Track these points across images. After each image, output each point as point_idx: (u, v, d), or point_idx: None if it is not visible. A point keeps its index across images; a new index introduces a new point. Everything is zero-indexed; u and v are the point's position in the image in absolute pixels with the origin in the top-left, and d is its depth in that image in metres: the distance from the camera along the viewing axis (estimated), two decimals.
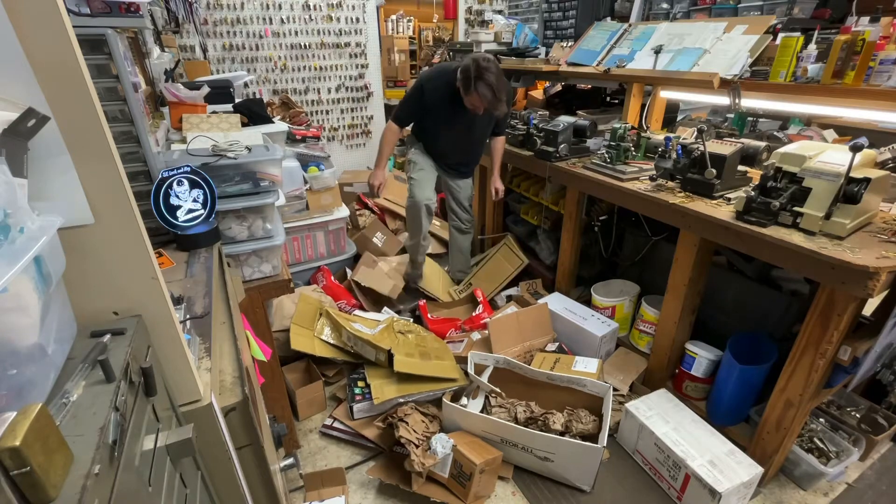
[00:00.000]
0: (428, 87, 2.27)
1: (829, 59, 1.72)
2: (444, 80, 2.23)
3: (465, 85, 2.11)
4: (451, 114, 2.29)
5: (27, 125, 0.49)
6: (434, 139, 2.49)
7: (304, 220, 2.65)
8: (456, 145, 2.49)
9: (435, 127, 2.41)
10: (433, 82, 2.28)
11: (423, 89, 2.28)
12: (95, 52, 1.08)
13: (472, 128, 2.40)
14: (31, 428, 0.36)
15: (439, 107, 2.28)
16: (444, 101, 2.26)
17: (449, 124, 2.36)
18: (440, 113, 2.31)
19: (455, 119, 2.32)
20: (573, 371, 2.04)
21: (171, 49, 2.92)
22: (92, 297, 0.62)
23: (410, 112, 2.38)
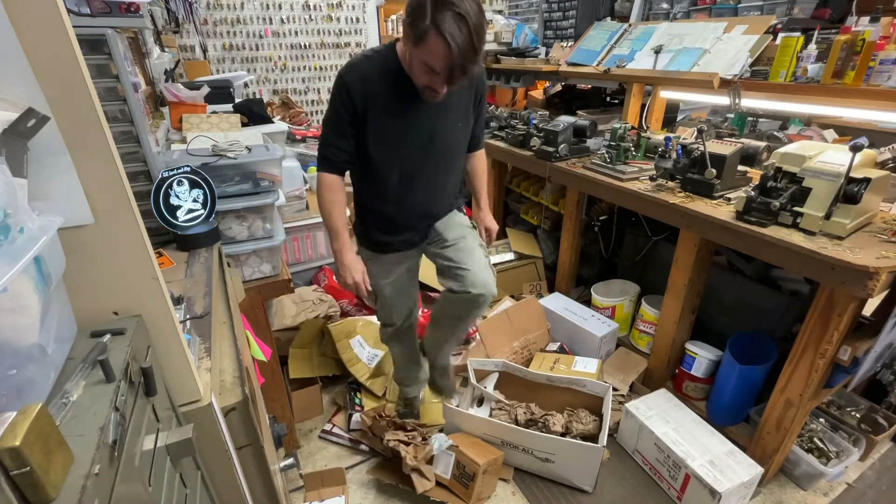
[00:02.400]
0: (352, 77, 1.29)
1: (829, 59, 1.72)
2: (378, 62, 1.32)
3: (416, 23, 1.13)
4: (402, 112, 1.35)
5: (27, 125, 0.49)
6: (385, 180, 1.43)
7: (304, 220, 2.64)
8: (421, 171, 1.45)
9: (383, 153, 1.39)
10: (358, 69, 1.31)
11: (348, 86, 1.29)
12: (95, 52, 1.08)
13: (438, 131, 1.41)
14: (31, 428, 0.36)
15: (380, 107, 1.32)
16: (386, 93, 1.32)
17: (402, 134, 1.37)
18: (384, 118, 1.33)
19: (410, 120, 1.37)
20: (573, 371, 2.04)
21: (171, 49, 2.92)
22: (92, 297, 0.62)
23: (339, 134, 1.36)
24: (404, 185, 1.45)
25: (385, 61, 1.31)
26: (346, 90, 1.29)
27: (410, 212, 1.53)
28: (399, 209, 1.50)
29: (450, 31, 1.10)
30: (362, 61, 1.32)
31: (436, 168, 1.48)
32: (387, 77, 1.31)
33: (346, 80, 1.30)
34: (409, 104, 1.34)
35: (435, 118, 1.40)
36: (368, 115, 1.32)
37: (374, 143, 1.37)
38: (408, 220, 1.54)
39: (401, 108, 1.35)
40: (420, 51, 1.17)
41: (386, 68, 1.31)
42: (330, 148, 1.38)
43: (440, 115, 1.41)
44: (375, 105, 1.31)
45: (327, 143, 1.38)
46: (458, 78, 1.20)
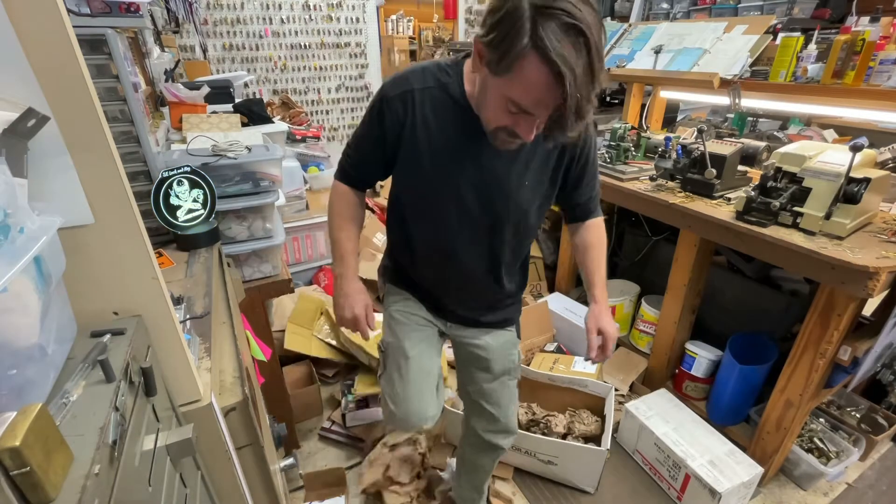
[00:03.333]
0: (394, 93, 0.99)
1: (829, 59, 1.72)
2: (437, 80, 0.99)
3: (505, 40, 0.75)
4: (453, 154, 1.00)
5: (27, 125, 0.49)
6: (424, 235, 1.12)
7: (304, 220, 2.64)
8: (465, 244, 1.09)
9: (416, 203, 1.09)
10: (406, 84, 0.99)
11: (385, 103, 1.00)
12: (95, 52, 1.08)
13: (502, 188, 1.02)
14: (31, 428, 0.36)
15: (424, 141, 0.99)
16: (438, 125, 0.99)
17: (446, 185, 1.02)
18: (425, 157, 1.00)
19: (462, 167, 1.01)
20: (572, 371, 2.04)
21: (171, 49, 2.92)
22: (92, 297, 0.62)
23: (361, 155, 1.11)
24: (434, 253, 1.11)
25: (447, 79, 0.97)
26: (378, 108, 0.99)
27: (436, 283, 1.18)
28: (421, 280, 1.20)
29: (561, 53, 0.72)
30: (416, 74, 0.98)
31: (489, 244, 1.08)
32: (443, 103, 0.96)
33: (388, 96, 0.97)
34: (461, 144, 0.97)
35: (496, 168, 0.99)
36: (403, 144, 0.99)
37: (403, 185, 1.08)
38: (429, 290, 1.21)
39: (449, 149, 0.98)
40: (506, 81, 0.79)
41: (445, 90, 0.97)
42: (348, 160, 1.13)
43: (504, 164, 0.99)
44: (416, 133, 0.97)
45: (347, 154, 1.13)
46: (571, 125, 0.79)
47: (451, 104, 0.97)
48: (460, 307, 1.21)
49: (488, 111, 0.88)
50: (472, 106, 0.95)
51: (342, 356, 2.22)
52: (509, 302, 1.24)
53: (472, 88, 0.95)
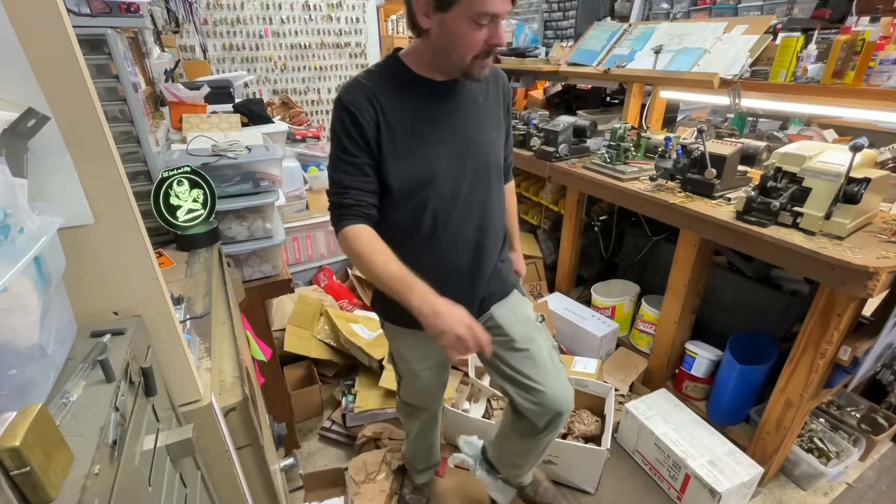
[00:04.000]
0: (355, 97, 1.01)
1: (829, 59, 1.72)
2: (381, 74, 1.05)
3: None
4: (425, 125, 1.06)
5: (27, 125, 0.49)
6: (416, 225, 1.10)
7: (304, 220, 2.64)
8: (459, 205, 1.11)
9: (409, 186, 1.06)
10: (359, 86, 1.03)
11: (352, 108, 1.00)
12: (95, 52, 1.08)
13: (475, 142, 1.11)
14: (31, 428, 0.36)
15: (397, 125, 1.03)
16: (401, 106, 1.03)
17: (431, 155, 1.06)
18: (404, 139, 1.03)
19: (438, 133, 1.07)
20: (572, 371, 2.04)
21: (171, 49, 2.92)
22: (92, 297, 0.62)
23: (357, 171, 1.03)
24: (441, 227, 1.10)
25: (389, 71, 1.05)
26: (350, 115, 0.99)
27: (454, 268, 1.15)
28: (437, 264, 1.11)
29: None
30: (362, 77, 1.04)
31: (477, 198, 1.13)
32: (397, 86, 1.03)
33: (348, 100, 0.99)
34: (432, 113, 1.05)
35: (469, 128, 1.09)
36: (384, 140, 1.01)
37: (396, 175, 1.03)
38: (450, 280, 1.12)
39: (423, 121, 1.04)
40: (462, 4, 0.89)
41: (393, 77, 1.04)
42: (348, 193, 1.02)
43: (474, 122, 1.10)
44: (390, 125, 1.01)
45: (343, 187, 1.02)
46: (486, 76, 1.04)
47: (405, 83, 1.04)
48: (469, 287, 1.18)
49: (459, 47, 0.96)
50: (425, 76, 1.05)
51: (342, 357, 2.22)
52: (503, 259, 1.27)
53: (416, 63, 1.05)
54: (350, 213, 1.02)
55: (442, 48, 0.98)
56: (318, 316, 2.28)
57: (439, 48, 0.98)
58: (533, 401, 1.21)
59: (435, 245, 1.12)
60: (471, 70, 0.99)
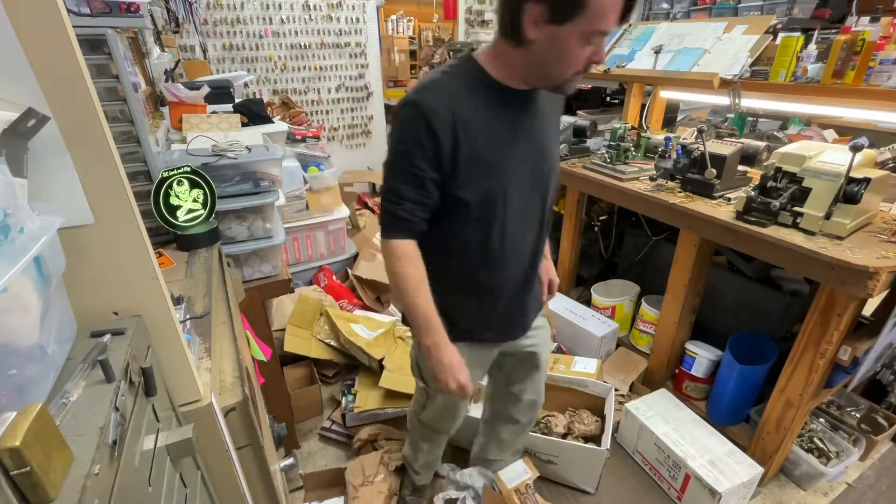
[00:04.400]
0: (434, 101, 0.92)
1: (829, 59, 1.72)
2: (460, 75, 0.97)
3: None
4: (503, 136, 1.00)
5: (27, 125, 0.49)
6: (484, 238, 1.05)
7: (304, 220, 2.65)
8: (525, 221, 1.10)
9: (483, 199, 1.01)
10: (439, 88, 0.95)
11: (430, 114, 0.91)
12: (95, 52, 1.08)
13: (545, 156, 1.08)
14: (31, 428, 0.36)
15: (477, 135, 0.96)
16: (481, 114, 0.96)
17: (507, 168, 1.01)
18: (483, 149, 0.97)
19: (514, 146, 1.01)
20: (572, 371, 2.03)
21: (171, 49, 2.92)
22: (92, 297, 0.62)
23: (417, 184, 0.97)
24: (508, 241, 1.07)
25: (467, 74, 0.97)
26: (425, 121, 0.90)
27: (513, 282, 1.14)
28: (498, 278, 1.11)
29: None
30: (440, 78, 0.96)
31: (537, 210, 1.11)
32: (476, 92, 0.96)
33: (426, 106, 0.90)
34: (509, 123, 1.00)
35: (541, 138, 1.06)
36: (461, 150, 0.94)
37: (471, 188, 0.98)
38: (509, 294, 1.15)
39: (501, 131, 0.99)
40: (584, 18, 0.82)
41: (471, 81, 0.96)
42: (403, 205, 0.97)
43: (545, 132, 1.07)
44: (470, 134, 0.94)
45: (399, 197, 0.97)
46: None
47: (483, 89, 0.97)
48: (520, 305, 1.21)
49: (563, 63, 0.90)
50: (502, 82, 0.97)
51: (342, 356, 2.22)
52: (539, 277, 1.28)
53: (497, 69, 0.97)
54: (401, 226, 0.99)
55: (543, 61, 0.91)
56: (318, 316, 2.28)
57: (540, 61, 0.91)
58: (530, 413, 1.44)
59: (498, 259, 1.08)
60: (564, 86, 0.96)
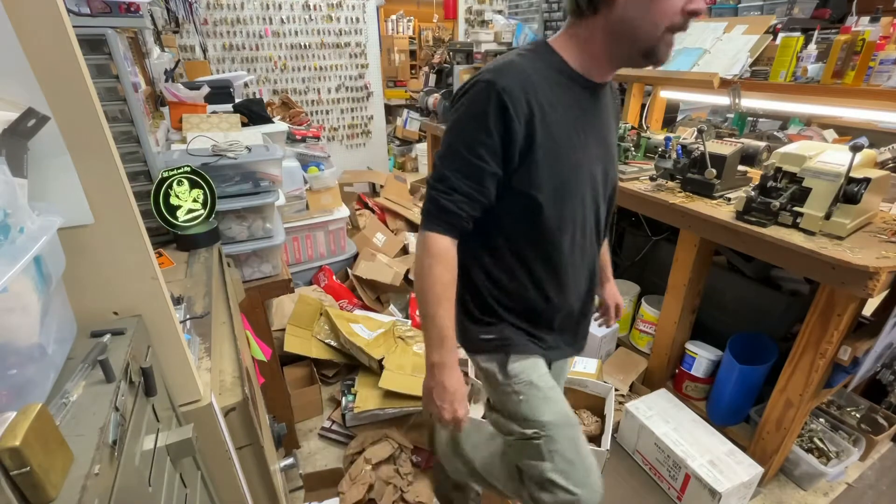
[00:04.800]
0: (511, 82, 0.82)
1: (829, 59, 1.72)
2: (537, 59, 0.88)
3: None
4: (577, 130, 0.91)
5: (27, 125, 0.49)
6: (553, 244, 0.95)
7: (304, 220, 2.65)
8: (590, 225, 1.01)
9: (557, 198, 0.91)
10: (517, 70, 0.85)
11: (506, 96, 0.82)
12: (95, 52, 1.08)
13: (610, 154, 1.03)
14: (31, 428, 0.36)
15: (553, 125, 0.87)
16: (558, 103, 0.88)
17: (580, 165, 0.93)
18: (559, 142, 0.89)
19: (586, 141, 0.93)
20: (572, 371, 2.04)
21: (171, 49, 2.92)
22: (92, 297, 0.62)
23: (477, 176, 0.86)
24: (577, 247, 0.97)
25: (544, 59, 0.88)
26: (500, 104, 0.80)
27: (576, 294, 1.04)
28: (562, 288, 1.00)
29: None
30: (519, 60, 0.85)
31: (601, 215, 1.04)
32: (555, 80, 0.87)
33: (503, 87, 0.80)
34: (583, 117, 0.91)
35: (609, 139, 1.00)
36: (537, 142, 0.84)
37: (545, 184, 0.87)
38: (569, 307, 1.04)
39: (576, 124, 0.89)
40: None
41: (550, 67, 0.87)
42: (453, 196, 0.85)
43: (611, 134, 1.01)
44: (547, 125, 0.84)
45: (450, 188, 0.85)
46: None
47: (561, 78, 0.88)
48: (576, 325, 1.10)
49: (654, 14, 0.79)
50: (579, 72, 0.89)
51: (342, 357, 2.22)
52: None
53: (574, 55, 0.88)
54: (445, 220, 0.87)
55: (629, 20, 0.80)
56: (318, 316, 2.28)
57: (625, 21, 0.81)
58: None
59: (565, 267, 0.97)
60: (658, 47, 0.82)
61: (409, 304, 2.70)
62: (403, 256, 3.08)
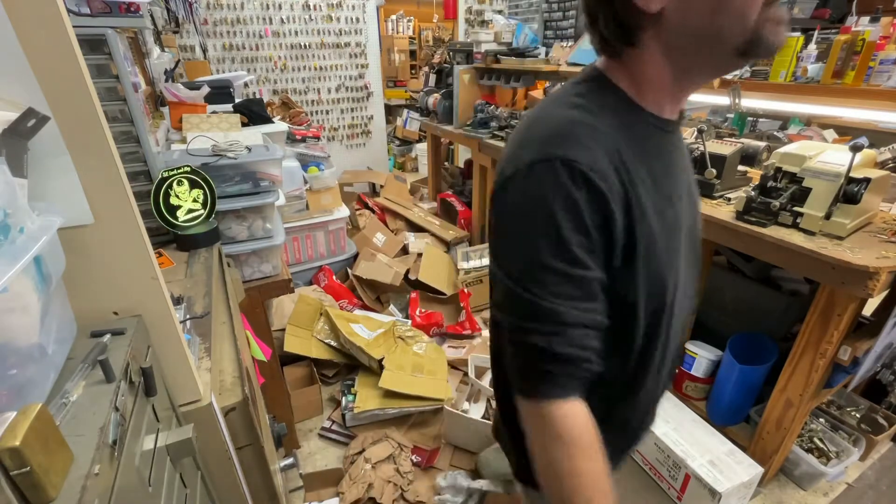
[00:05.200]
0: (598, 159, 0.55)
1: (829, 59, 1.72)
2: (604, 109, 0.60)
3: None
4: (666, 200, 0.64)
5: (27, 125, 0.49)
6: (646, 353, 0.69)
7: (304, 220, 2.65)
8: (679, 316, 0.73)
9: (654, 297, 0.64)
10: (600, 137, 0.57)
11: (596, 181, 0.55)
12: (95, 52, 1.08)
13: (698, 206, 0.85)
14: (31, 428, 0.36)
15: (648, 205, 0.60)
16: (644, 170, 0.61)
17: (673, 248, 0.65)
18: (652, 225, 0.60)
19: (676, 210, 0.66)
20: None
21: (171, 49, 2.92)
22: (92, 297, 0.62)
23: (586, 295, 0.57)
24: (670, 347, 0.74)
25: (611, 103, 0.62)
26: (589, 189, 0.55)
27: (655, 396, 0.84)
28: (649, 394, 0.78)
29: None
30: (584, 117, 0.59)
31: (690, 294, 0.78)
32: (628, 129, 0.61)
33: (587, 164, 0.55)
34: (666, 173, 0.65)
35: (692, 186, 0.76)
36: (637, 227, 0.59)
37: (642, 284, 0.62)
38: (647, 409, 0.85)
39: (665, 187, 0.65)
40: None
41: (619, 112, 0.62)
42: (566, 335, 0.57)
43: (691, 177, 0.77)
44: (640, 200, 0.59)
45: (557, 324, 0.57)
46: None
47: (633, 123, 0.62)
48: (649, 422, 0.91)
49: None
50: (649, 108, 0.63)
51: (342, 357, 2.22)
52: None
53: (637, 86, 0.62)
54: (565, 372, 0.57)
55: (707, 13, 0.54)
56: (318, 316, 2.28)
57: (687, 29, 0.56)
58: None
59: (649, 387, 0.74)
60: (761, 32, 0.56)
61: (408, 305, 2.70)
62: (403, 256, 3.08)
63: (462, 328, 2.55)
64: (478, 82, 3.45)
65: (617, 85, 0.63)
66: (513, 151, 0.61)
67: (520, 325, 0.59)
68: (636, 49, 0.59)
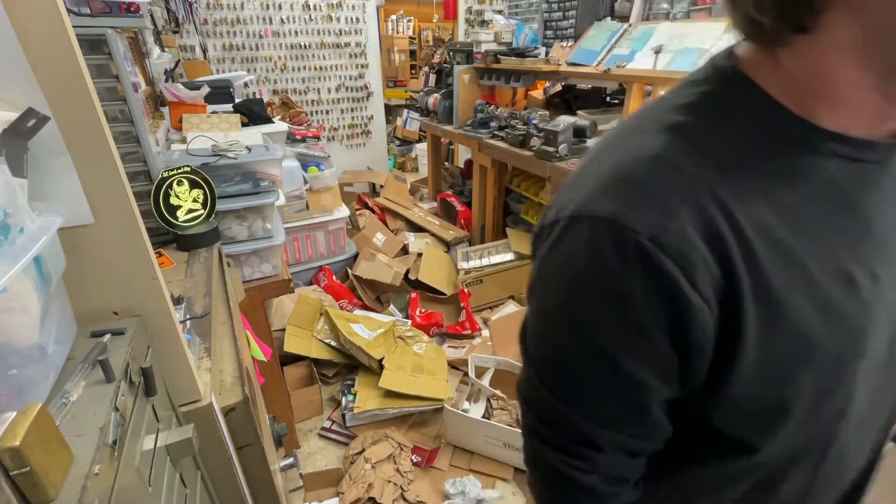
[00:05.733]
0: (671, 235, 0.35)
1: None
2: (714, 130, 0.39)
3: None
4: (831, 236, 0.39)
5: (27, 125, 0.49)
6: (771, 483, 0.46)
7: (304, 220, 2.65)
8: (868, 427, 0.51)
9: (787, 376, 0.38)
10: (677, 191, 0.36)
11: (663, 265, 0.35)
12: (95, 52, 1.08)
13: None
14: (31, 428, 0.36)
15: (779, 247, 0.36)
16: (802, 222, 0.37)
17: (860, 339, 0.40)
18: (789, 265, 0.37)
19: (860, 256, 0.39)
20: None
21: (171, 49, 2.92)
22: (92, 297, 0.62)
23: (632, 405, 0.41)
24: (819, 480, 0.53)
25: (744, 115, 0.40)
26: (656, 276, 0.36)
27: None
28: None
29: None
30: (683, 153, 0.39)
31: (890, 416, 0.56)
32: (770, 159, 0.39)
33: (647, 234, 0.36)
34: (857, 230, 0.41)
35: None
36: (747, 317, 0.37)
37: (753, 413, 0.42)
38: None
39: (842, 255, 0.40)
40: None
41: (747, 132, 0.40)
42: (596, 462, 0.45)
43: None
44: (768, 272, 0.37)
45: (589, 446, 0.44)
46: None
47: (787, 151, 0.40)
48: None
49: None
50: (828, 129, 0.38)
51: (342, 357, 2.22)
52: None
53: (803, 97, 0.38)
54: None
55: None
56: (318, 316, 2.29)
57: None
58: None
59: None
60: None
61: (408, 305, 2.70)
62: (403, 256, 3.08)
63: (462, 328, 2.55)
64: (478, 82, 3.45)
65: (765, 90, 0.39)
66: (566, 187, 0.44)
67: (537, 437, 0.47)
68: (811, 36, 0.36)
